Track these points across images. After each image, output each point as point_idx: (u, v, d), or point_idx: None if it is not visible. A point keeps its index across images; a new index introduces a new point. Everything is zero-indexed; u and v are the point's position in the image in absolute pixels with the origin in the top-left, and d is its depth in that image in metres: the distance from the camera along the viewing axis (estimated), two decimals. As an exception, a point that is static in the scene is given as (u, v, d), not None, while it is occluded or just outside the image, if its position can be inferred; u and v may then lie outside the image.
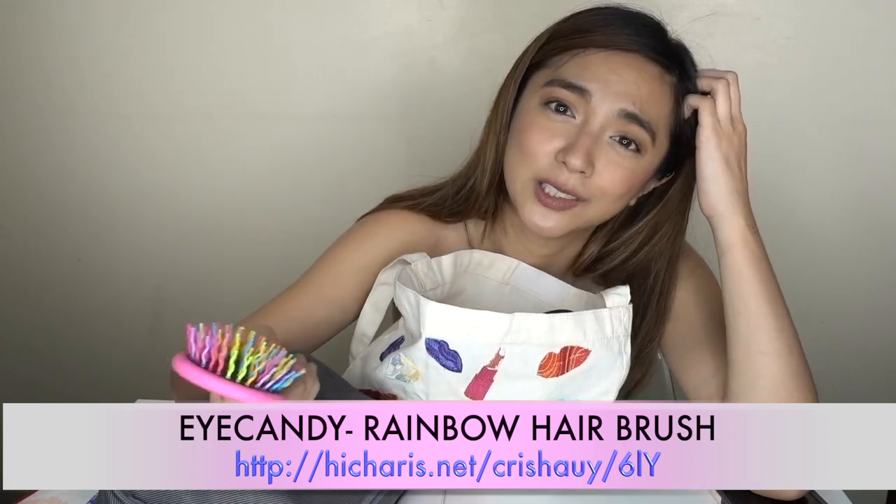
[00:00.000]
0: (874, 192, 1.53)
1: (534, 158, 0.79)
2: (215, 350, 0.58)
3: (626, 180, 0.79)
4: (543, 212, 0.80)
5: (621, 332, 0.73)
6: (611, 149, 0.79)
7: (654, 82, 0.80)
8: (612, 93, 0.78)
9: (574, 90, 0.79)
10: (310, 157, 1.56)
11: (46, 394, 1.76)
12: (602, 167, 0.78)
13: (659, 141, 0.81)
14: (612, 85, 0.78)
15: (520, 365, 0.70)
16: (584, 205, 0.80)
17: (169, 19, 1.52)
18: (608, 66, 0.79)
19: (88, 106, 1.58)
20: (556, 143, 0.78)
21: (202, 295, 1.67)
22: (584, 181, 0.78)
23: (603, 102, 0.78)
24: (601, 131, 0.78)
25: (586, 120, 0.79)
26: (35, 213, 1.66)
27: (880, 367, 1.63)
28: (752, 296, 0.79)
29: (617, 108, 0.78)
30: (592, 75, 0.79)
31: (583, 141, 0.77)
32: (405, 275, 0.78)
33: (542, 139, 0.79)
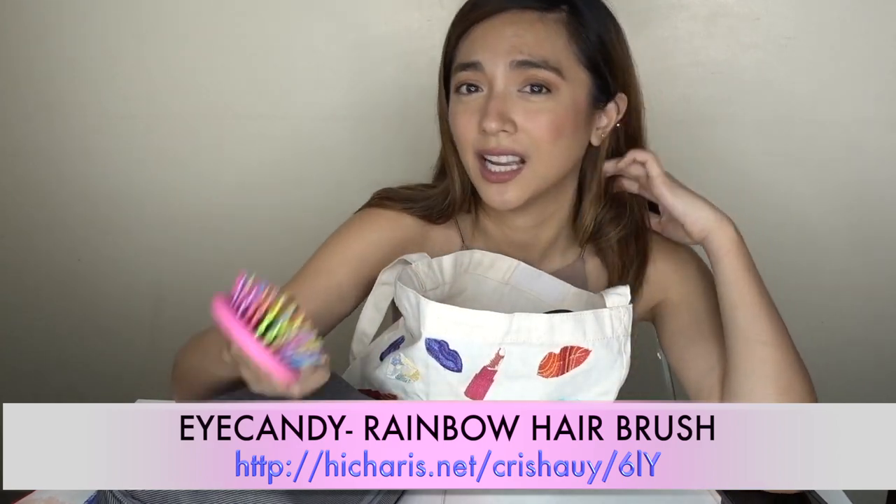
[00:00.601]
0: (874, 192, 1.53)
1: (466, 139, 0.84)
2: (255, 304, 0.58)
3: (551, 122, 0.82)
4: (497, 188, 0.83)
5: (621, 332, 0.73)
6: (522, 100, 0.82)
7: (536, 25, 0.83)
8: (497, 53, 0.82)
9: (468, 67, 0.83)
10: (310, 157, 1.56)
11: (47, 394, 1.76)
12: (522, 119, 0.81)
13: (569, 74, 0.83)
14: (493, 47, 0.82)
15: (520, 365, 0.70)
16: (528, 164, 0.83)
17: (169, 19, 1.52)
18: (486, 34, 0.83)
19: (88, 106, 1.58)
20: (475, 117, 0.82)
21: (202, 295, 1.67)
22: (512, 138, 0.82)
23: (494, 65, 0.82)
24: (506, 89, 0.82)
25: (490, 87, 0.82)
26: (35, 213, 1.66)
27: (880, 366, 1.63)
28: (749, 292, 0.83)
29: (507, 63, 0.81)
30: (477, 47, 0.83)
31: (492, 104, 0.81)
32: (406, 275, 0.79)
33: (465, 120, 0.83)
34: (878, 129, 1.49)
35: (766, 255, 1.58)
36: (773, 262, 1.58)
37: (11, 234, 1.68)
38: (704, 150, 1.53)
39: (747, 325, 0.81)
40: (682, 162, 1.53)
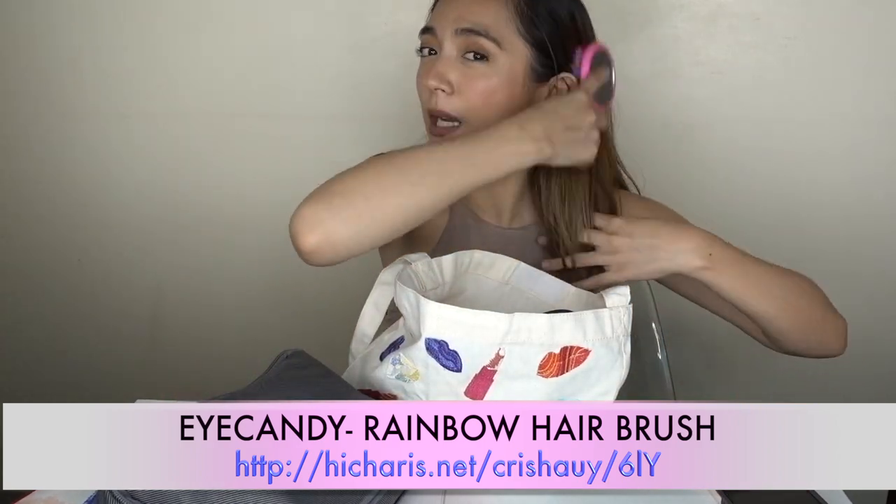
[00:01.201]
0: (874, 192, 1.53)
1: (421, 96, 0.95)
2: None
3: (485, 88, 0.90)
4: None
5: (621, 332, 0.73)
6: (462, 65, 0.91)
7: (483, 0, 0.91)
8: (446, 20, 0.92)
9: (425, 32, 0.94)
10: (310, 157, 1.56)
11: (47, 393, 1.76)
12: (459, 82, 0.91)
13: (508, 44, 0.91)
14: (446, 15, 0.92)
15: (520, 365, 0.70)
16: (465, 125, 0.91)
17: (169, 19, 1.52)
18: (443, 4, 0.95)
19: (88, 106, 1.58)
20: (426, 77, 0.92)
21: (202, 295, 1.68)
22: (449, 100, 0.91)
23: (444, 30, 0.92)
24: (449, 53, 0.92)
25: (440, 50, 0.93)
26: (35, 213, 1.66)
27: (880, 366, 1.63)
28: (740, 297, 0.92)
29: (452, 30, 0.91)
30: (436, 14, 0.95)
31: (435, 65, 0.92)
32: (405, 274, 0.78)
33: (420, 78, 0.94)
34: (878, 129, 1.49)
35: (765, 254, 1.59)
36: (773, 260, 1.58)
37: (11, 233, 1.69)
38: (704, 150, 1.53)
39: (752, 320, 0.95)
40: (682, 162, 1.54)
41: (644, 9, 1.45)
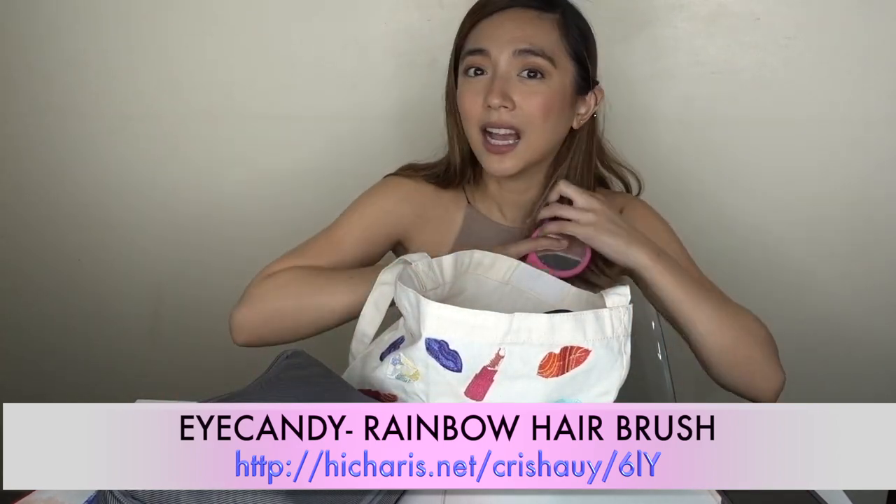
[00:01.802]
0: (874, 192, 1.53)
1: (471, 113, 0.99)
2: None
3: (544, 103, 0.97)
4: (497, 158, 0.99)
5: (621, 332, 0.73)
6: (521, 83, 0.97)
7: (534, 21, 0.99)
8: (502, 42, 0.97)
9: (476, 53, 0.99)
10: (310, 157, 1.56)
11: (47, 393, 1.77)
12: (520, 99, 0.97)
13: (560, 64, 0.99)
14: (500, 37, 0.98)
15: (520, 365, 0.70)
16: (524, 138, 0.98)
17: (169, 19, 1.52)
18: (493, 26, 1.00)
19: (88, 106, 1.58)
20: (480, 95, 0.98)
21: (202, 295, 1.68)
22: (511, 114, 0.97)
23: (500, 52, 0.97)
24: (508, 72, 0.97)
25: (494, 70, 0.98)
26: (35, 213, 1.66)
27: (881, 366, 1.63)
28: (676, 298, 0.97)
29: (511, 51, 0.97)
30: (485, 37, 0.99)
31: (496, 84, 0.97)
32: (406, 275, 0.78)
33: (471, 97, 0.99)
34: (878, 128, 1.49)
35: (765, 255, 1.60)
36: (773, 260, 1.58)
37: (11, 233, 1.69)
38: (704, 150, 1.53)
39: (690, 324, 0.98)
40: (683, 162, 1.54)
41: (644, 9, 1.45)
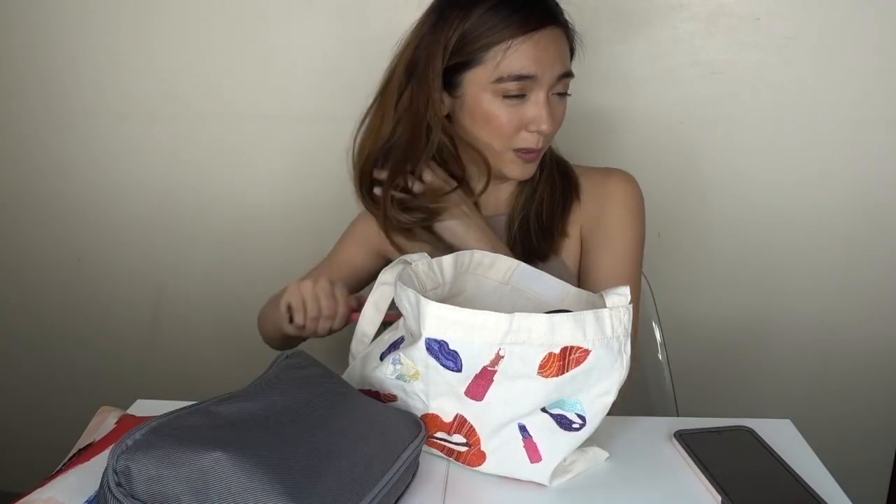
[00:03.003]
0: (874, 193, 1.53)
1: (507, 136, 0.99)
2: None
3: (565, 114, 1.03)
4: (528, 166, 1.02)
5: (621, 332, 0.73)
6: (558, 102, 1.01)
7: (562, 40, 1.00)
8: (548, 66, 0.97)
9: (524, 79, 0.97)
10: (310, 157, 1.56)
11: (47, 393, 1.77)
12: (558, 118, 1.01)
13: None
14: (545, 61, 0.97)
15: (520, 365, 0.70)
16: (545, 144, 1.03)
17: (169, 19, 1.52)
18: (537, 48, 0.97)
19: (88, 106, 1.59)
20: (523, 120, 0.99)
21: (202, 295, 1.68)
22: (546, 136, 1.00)
23: (545, 76, 0.97)
24: (548, 94, 0.99)
25: (536, 92, 0.98)
26: (35, 213, 1.67)
27: (881, 366, 1.63)
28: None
29: (556, 75, 0.98)
30: (531, 61, 0.96)
31: (546, 110, 0.98)
32: (406, 275, 0.78)
33: (512, 121, 0.98)
34: (878, 129, 1.49)
35: (765, 255, 1.60)
36: (773, 261, 1.59)
37: (11, 233, 1.69)
38: (704, 150, 1.53)
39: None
40: (682, 162, 1.54)
41: (644, 9, 1.45)
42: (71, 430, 0.84)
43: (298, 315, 0.94)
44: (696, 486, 0.74)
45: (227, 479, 0.56)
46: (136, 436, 0.58)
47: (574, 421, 0.73)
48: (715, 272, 1.59)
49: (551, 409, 0.73)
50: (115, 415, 0.78)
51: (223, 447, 0.58)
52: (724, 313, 1.61)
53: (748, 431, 0.81)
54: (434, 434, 0.77)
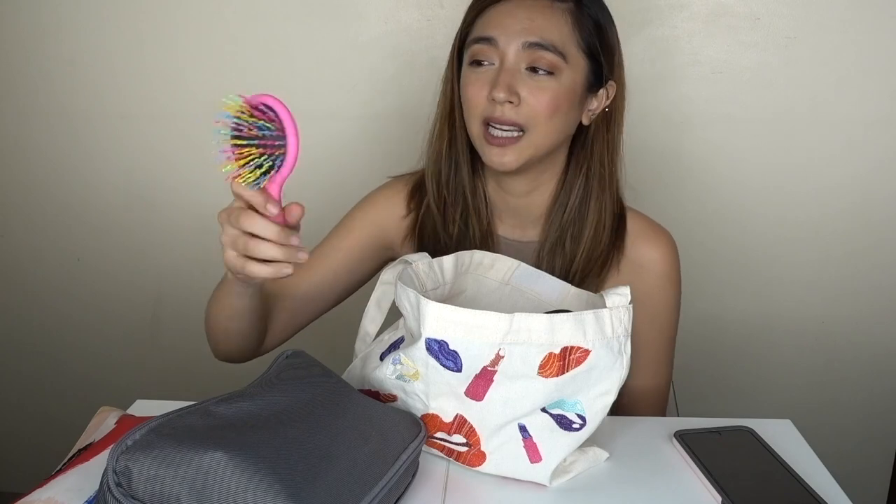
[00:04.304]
0: (874, 193, 1.53)
1: (474, 105, 0.93)
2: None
3: (552, 100, 0.91)
4: (497, 151, 0.92)
5: (621, 332, 0.73)
6: (529, 78, 0.91)
7: (546, 11, 0.91)
8: (512, 32, 0.90)
9: (482, 41, 0.92)
10: (310, 157, 1.56)
11: (47, 393, 1.76)
12: (526, 94, 0.90)
13: (571, 59, 0.92)
14: (510, 26, 0.91)
15: (520, 365, 0.70)
16: (526, 134, 0.91)
17: (169, 20, 1.52)
18: (502, 13, 0.92)
19: (88, 106, 1.59)
20: (485, 87, 0.91)
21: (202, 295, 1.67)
22: (516, 110, 0.90)
23: (508, 43, 0.91)
24: (515, 65, 0.91)
25: (501, 61, 0.91)
26: (35, 213, 1.66)
27: (881, 366, 1.63)
28: None
29: (520, 43, 0.90)
30: (493, 25, 0.92)
31: (502, 77, 0.90)
32: (406, 275, 0.78)
33: (476, 89, 0.92)
34: (878, 129, 1.49)
35: (765, 255, 1.60)
36: (773, 261, 1.59)
37: (11, 234, 1.69)
38: (704, 150, 1.53)
39: None
40: (683, 162, 1.54)
41: (644, 9, 1.45)
42: (70, 431, 0.84)
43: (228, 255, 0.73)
44: (696, 486, 0.74)
45: (226, 479, 0.56)
46: (136, 436, 0.58)
47: (574, 421, 0.73)
48: (715, 272, 1.59)
49: (551, 409, 0.73)
50: (114, 415, 0.78)
51: (223, 447, 0.58)
52: (724, 313, 1.61)
53: (748, 431, 0.81)
54: (434, 434, 0.77)
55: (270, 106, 0.67)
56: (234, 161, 0.67)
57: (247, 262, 0.71)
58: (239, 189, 0.69)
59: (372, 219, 1.05)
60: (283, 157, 0.67)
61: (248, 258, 0.71)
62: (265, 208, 0.68)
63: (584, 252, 0.97)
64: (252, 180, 0.67)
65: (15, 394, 1.78)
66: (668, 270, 0.99)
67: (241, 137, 0.66)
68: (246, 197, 0.69)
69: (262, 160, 0.67)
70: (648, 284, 0.98)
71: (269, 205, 0.68)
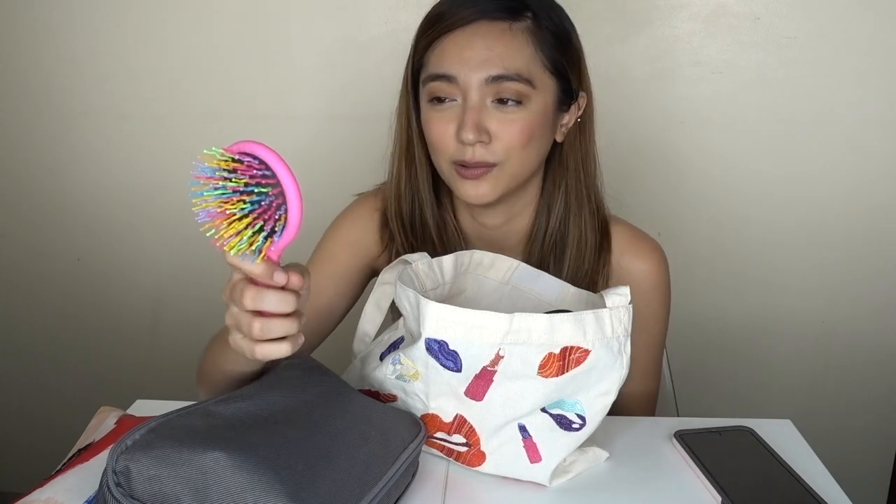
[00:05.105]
0: (874, 193, 1.53)
1: (442, 147, 0.87)
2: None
3: (524, 131, 0.85)
4: (471, 183, 0.87)
5: (621, 332, 0.72)
6: (497, 111, 0.85)
7: (504, 37, 0.84)
8: (471, 67, 0.84)
9: (441, 79, 0.85)
10: (310, 157, 1.56)
11: (47, 393, 1.77)
12: (496, 129, 0.85)
13: (538, 82, 0.86)
14: (468, 61, 0.84)
15: (519, 365, 0.70)
16: (500, 166, 0.86)
17: (169, 19, 1.52)
18: (458, 45, 0.85)
19: (88, 106, 1.59)
20: (451, 127, 0.86)
21: (201, 295, 1.68)
22: (487, 149, 0.85)
23: (468, 78, 0.84)
24: (481, 101, 0.85)
25: (464, 97, 0.85)
26: (35, 213, 1.67)
27: (880, 366, 1.63)
28: None
29: (482, 78, 0.83)
30: (449, 60, 0.85)
31: (468, 116, 0.84)
32: (406, 275, 0.78)
33: (440, 129, 0.86)
34: (878, 129, 1.49)
35: (765, 255, 1.60)
36: (773, 261, 1.59)
37: (11, 234, 1.69)
38: (704, 150, 1.53)
39: None
40: (683, 162, 1.54)
41: (644, 9, 1.45)
42: (70, 431, 0.84)
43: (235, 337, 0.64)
44: (696, 486, 0.74)
45: (226, 479, 0.56)
46: (136, 436, 0.58)
47: (574, 421, 0.73)
48: (715, 272, 1.59)
49: (551, 409, 0.73)
50: (114, 415, 0.78)
51: (223, 447, 0.58)
52: (724, 313, 1.61)
53: (748, 431, 0.81)
54: (434, 434, 0.77)
55: (259, 157, 0.57)
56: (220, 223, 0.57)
57: (257, 345, 0.61)
58: (236, 262, 0.60)
59: (350, 241, 0.99)
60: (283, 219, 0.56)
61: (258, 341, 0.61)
62: (271, 278, 0.59)
63: (569, 272, 0.93)
64: (245, 247, 0.57)
65: (15, 394, 1.78)
66: (659, 281, 0.97)
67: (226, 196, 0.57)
68: (246, 269, 0.59)
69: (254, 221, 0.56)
70: (638, 296, 0.93)
71: (276, 274, 0.59)
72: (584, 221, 0.94)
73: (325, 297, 0.97)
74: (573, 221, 0.94)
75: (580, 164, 0.93)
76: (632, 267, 0.96)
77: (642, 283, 0.96)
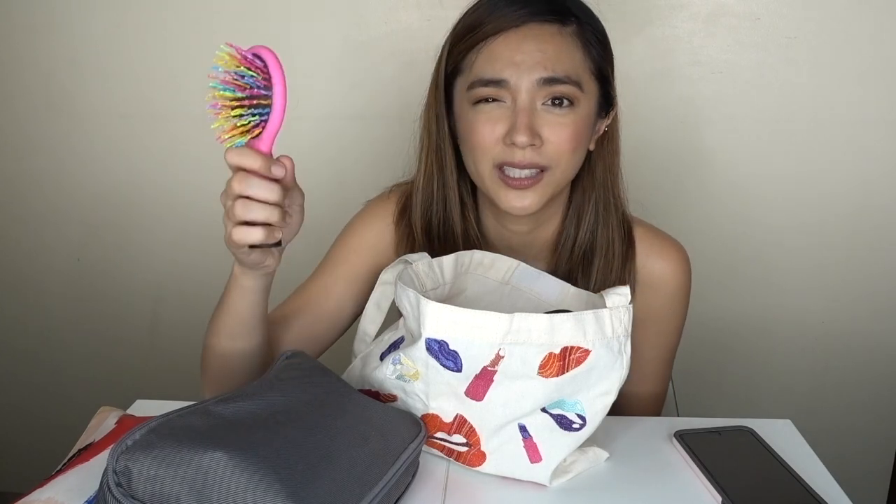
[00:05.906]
0: (874, 193, 1.53)
1: (487, 149, 0.85)
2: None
3: (574, 135, 0.85)
4: (516, 194, 0.85)
5: (621, 332, 0.72)
6: (548, 114, 0.84)
7: (555, 39, 0.84)
8: (523, 70, 0.83)
9: (491, 84, 0.84)
10: (310, 157, 1.56)
11: (47, 393, 1.76)
12: (548, 133, 0.84)
13: (586, 86, 0.86)
14: (520, 64, 0.83)
15: (520, 365, 0.70)
16: (548, 172, 0.86)
17: (169, 19, 1.52)
18: (509, 48, 0.84)
19: (88, 106, 1.59)
20: (499, 128, 0.84)
21: (202, 295, 1.67)
22: (538, 151, 0.84)
23: (520, 81, 0.83)
24: (532, 103, 0.84)
25: (514, 99, 0.84)
26: (35, 213, 1.67)
27: (880, 366, 1.63)
28: None
29: (535, 80, 0.83)
30: (501, 64, 0.84)
31: (521, 118, 0.83)
32: (406, 275, 0.78)
33: (487, 130, 0.85)
34: (878, 129, 1.49)
35: (765, 255, 1.60)
36: (773, 261, 1.59)
37: (11, 233, 1.69)
38: (704, 150, 1.53)
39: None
40: (683, 162, 1.54)
41: (644, 9, 1.45)
42: (71, 431, 0.84)
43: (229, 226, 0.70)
44: (696, 486, 0.74)
45: (227, 479, 0.56)
46: (136, 436, 0.58)
47: (574, 421, 0.73)
48: (715, 272, 1.59)
49: (551, 409, 0.73)
50: (114, 415, 0.78)
51: (223, 447, 0.58)
52: (724, 313, 1.61)
53: (748, 431, 0.81)
54: (434, 434, 0.77)
55: (260, 56, 0.64)
56: (221, 115, 0.64)
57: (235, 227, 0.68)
58: (236, 159, 0.66)
59: (365, 244, 0.99)
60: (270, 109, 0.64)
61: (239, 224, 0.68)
62: (269, 171, 0.67)
63: (596, 282, 0.92)
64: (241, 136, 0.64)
65: (15, 394, 1.78)
66: (682, 284, 0.97)
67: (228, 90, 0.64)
68: (247, 165, 0.66)
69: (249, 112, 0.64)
70: (661, 300, 0.95)
71: (274, 168, 0.67)
72: (612, 230, 0.93)
73: (337, 300, 0.97)
74: (601, 231, 0.93)
75: (607, 172, 0.93)
76: (656, 269, 0.95)
77: (666, 286, 0.96)
